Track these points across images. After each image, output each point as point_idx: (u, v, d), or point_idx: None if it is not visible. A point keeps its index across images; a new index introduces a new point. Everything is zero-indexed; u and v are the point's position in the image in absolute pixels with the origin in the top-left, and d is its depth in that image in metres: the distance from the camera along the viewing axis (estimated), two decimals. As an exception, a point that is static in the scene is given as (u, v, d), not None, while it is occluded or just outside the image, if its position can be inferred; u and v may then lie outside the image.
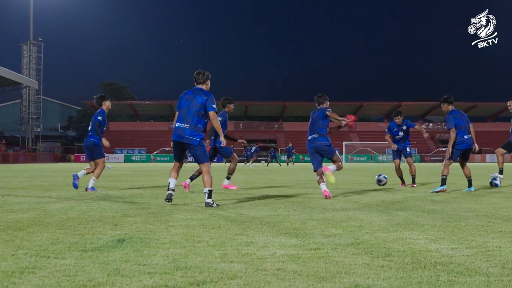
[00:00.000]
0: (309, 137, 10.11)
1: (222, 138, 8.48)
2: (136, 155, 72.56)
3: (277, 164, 48.77)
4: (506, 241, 4.69)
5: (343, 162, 12.88)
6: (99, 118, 11.33)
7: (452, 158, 11.30)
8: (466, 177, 11.40)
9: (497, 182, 12.45)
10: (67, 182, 14.94)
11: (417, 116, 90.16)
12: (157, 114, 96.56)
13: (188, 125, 7.95)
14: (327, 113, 10.04)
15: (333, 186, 13.02)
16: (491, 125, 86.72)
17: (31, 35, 78.52)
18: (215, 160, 15.86)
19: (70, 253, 4.06)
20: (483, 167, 35.11)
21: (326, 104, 10.53)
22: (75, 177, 11.22)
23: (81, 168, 9.65)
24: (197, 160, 8.03)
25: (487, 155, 73.27)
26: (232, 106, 12.40)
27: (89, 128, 11.46)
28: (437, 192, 10.55)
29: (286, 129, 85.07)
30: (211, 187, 7.85)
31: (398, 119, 14.02)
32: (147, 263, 3.71)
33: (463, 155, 11.42)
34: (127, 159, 69.99)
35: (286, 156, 48.99)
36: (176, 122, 8.15)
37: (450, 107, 11.47)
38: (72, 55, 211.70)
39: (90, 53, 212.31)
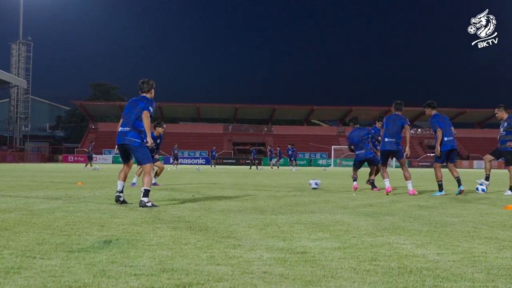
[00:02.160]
0: (386, 140, 12.06)
1: (148, 139, 8.35)
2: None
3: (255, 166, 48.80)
4: (491, 247, 4.72)
5: (332, 166, 13.02)
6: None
7: (439, 161, 12.06)
8: (455, 178, 12.08)
9: (484, 188, 12.54)
10: (54, 182, 14.88)
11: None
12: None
13: (129, 128, 8.37)
14: (406, 126, 12.04)
15: (322, 189, 13.05)
16: (479, 132, 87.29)
17: (20, 34, 78.16)
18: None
19: (56, 253, 4.05)
20: (470, 173, 35.28)
21: (402, 111, 12.29)
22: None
23: (71, 168, 9.67)
24: (138, 161, 8.50)
25: (475, 161, 73.73)
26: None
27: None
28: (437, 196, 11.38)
29: (275, 132, 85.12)
30: (148, 187, 8.15)
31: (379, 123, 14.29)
32: (133, 264, 3.70)
33: (447, 156, 12.12)
34: (115, 160, 69.63)
35: (288, 159, 48.30)
36: (120, 127, 8.53)
37: (433, 112, 12.19)
38: (61, 54, 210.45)
39: (79, 53, 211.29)
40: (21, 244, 4.44)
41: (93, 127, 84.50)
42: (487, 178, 12.72)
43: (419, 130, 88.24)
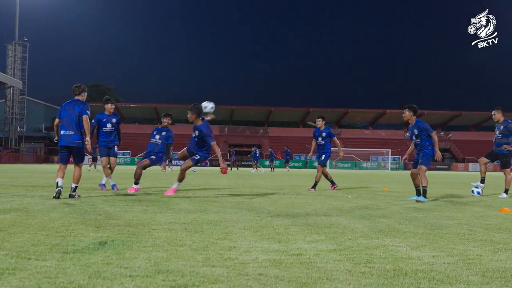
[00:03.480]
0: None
1: (88, 138, 9.44)
2: (120, 158, 72.15)
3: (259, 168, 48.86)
4: (486, 249, 4.74)
5: (327, 168, 13.03)
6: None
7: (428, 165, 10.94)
8: (418, 186, 10.80)
9: (479, 190, 12.55)
10: (49, 183, 14.83)
11: (401, 124, 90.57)
12: (142, 116, 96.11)
13: (73, 132, 9.46)
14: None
15: (318, 192, 13.05)
16: (475, 134, 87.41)
17: (16, 35, 77.96)
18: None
19: (51, 255, 4.04)
20: (466, 176, 35.37)
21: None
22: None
23: (66, 169, 9.76)
24: (76, 159, 9.68)
25: (470, 164, 73.83)
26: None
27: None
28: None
29: (271, 134, 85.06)
30: (77, 183, 9.72)
31: (319, 121, 14.31)
32: (128, 266, 3.70)
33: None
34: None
35: (284, 161, 48.79)
36: (61, 130, 9.52)
37: (414, 118, 11.00)
38: (57, 55, 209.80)
39: (75, 54, 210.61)
40: (16, 245, 4.43)
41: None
42: (482, 181, 12.73)
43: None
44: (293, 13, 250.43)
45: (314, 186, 13.96)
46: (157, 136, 12.30)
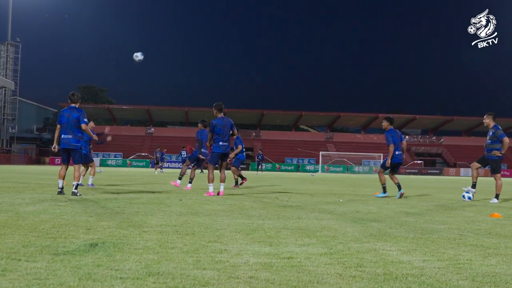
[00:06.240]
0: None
1: (94, 136, 11.79)
2: (112, 160, 71.99)
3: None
4: (477, 254, 4.76)
5: (319, 171, 13.08)
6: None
7: (385, 168, 13.30)
8: (395, 183, 13.13)
9: (470, 195, 12.59)
10: (41, 184, 14.79)
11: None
12: (135, 118, 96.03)
13: (71, 136, 10.71)
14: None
15: (309, 196, 13.06)
16: (466, 139, 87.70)
17: (9, 36, 77.74)
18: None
19: (42, 256, 4.03)
20: (457, 181, 35.49)
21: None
22: None
23: (58, 170, 9.91)
24: (74, 161, 10.81)
25: (462, 169, 74.09)
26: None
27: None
28: (382, 197, 12.68)
29: (264, 137, 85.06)
30: (78, 181, 10.83)
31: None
32: (119, 268, 3.69)
33: (393, 167, 13.29)
34: (103, 163, 69.34)
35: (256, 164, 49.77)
36: (61, 134, 10.76)
37: (390, 126, 13.49)
38: (50, 56, 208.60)
39: (68, 55, 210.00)
40: (7, 246, 4.41)
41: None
42: (473, 186, 12.78)
43: (407, 137, 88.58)
44: (286, 16, 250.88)
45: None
46: None
